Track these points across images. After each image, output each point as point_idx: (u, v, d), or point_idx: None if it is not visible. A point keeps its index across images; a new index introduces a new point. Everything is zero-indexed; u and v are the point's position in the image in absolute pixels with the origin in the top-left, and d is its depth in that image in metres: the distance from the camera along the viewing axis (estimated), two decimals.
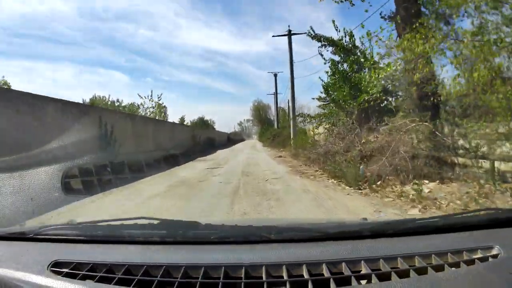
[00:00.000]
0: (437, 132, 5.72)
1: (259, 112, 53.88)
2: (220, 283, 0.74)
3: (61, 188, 2.70)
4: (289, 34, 16.83)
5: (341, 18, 53.67)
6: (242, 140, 60.77)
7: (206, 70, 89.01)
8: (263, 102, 54.85)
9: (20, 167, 4.73)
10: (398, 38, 6.38)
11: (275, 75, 30.96)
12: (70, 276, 0.79)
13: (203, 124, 44.17)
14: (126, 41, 67.25)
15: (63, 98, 7.29)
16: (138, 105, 19.93)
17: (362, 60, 8.98)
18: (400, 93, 8.08)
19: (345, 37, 9.29)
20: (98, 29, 61.17)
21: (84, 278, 0.78)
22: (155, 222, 1.03)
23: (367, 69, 8.63)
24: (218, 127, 49.68)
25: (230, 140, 45.65)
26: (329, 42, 9.52)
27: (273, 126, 35.83)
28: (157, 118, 18.97)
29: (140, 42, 70.98)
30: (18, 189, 4.28)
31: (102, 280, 0.77)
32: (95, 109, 10.33)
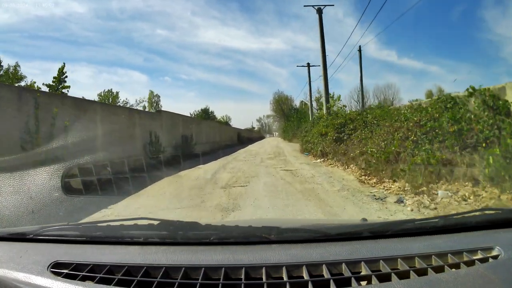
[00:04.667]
0: None
1: (281, 105, 47.66)
2: (220, 284, 0.74)
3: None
4: None
5: (358, 14, 53.23)
6: (261, 138, 51.53)
7: (224, 68, 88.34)
8: (284, 94, 49.09)
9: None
10: None
11: (320, 12, 13.81)
12: (70, 277, 0.79)
13: (206, 116, 35.60)
14: (143, 41, 66.61)
15: None
16: None
17: None
18: None
19: None
20: (115, 29, 60.87)
21: (84, 279, 0.78)
22: (155, 222, 1.03)
23: None
24: (237, 124, 44.26)
25: (241, 139, 31.62)
26: None
27: (307, 118, 22.69)
28: None
29: (157, 42, 70.47)
30: None
31: (102, 281, 0.77)
32: None
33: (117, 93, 18.96)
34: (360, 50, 21.10)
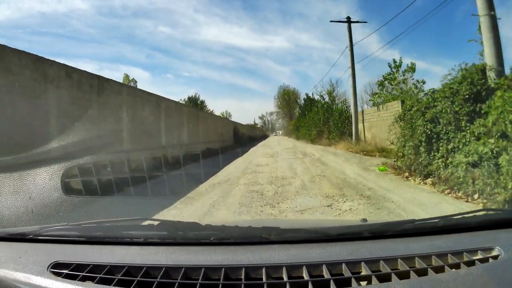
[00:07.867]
0: None
1: (287, 100, 42.13)
2: (220, 284, 0.74)
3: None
4: None
5: (360, 13, 53.08)
6: (264, 136, 45.15)
7: (226, 66, 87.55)
8: (291, 88, 44.11)
9: None
10: None
11: None
12: (70, 277, 0.79)
13: (195, 105, 30.73)
14: (146, 38, 66.48)
15: None
16: None
17: None
18: None
19: None
20: (117, 26, 60.94)
21: (84, 279, 0.78)
22: (155, 223, 1.03)
23: None
24: (238, 121, 40.99)
25: (239, 138, 23.70)
26: None
27: (343, 109, 17.34)
28: None
29: (160, 39, 70.00)
30: None
31: (102, 281, 0.77)
32: None
33: None
34: None
